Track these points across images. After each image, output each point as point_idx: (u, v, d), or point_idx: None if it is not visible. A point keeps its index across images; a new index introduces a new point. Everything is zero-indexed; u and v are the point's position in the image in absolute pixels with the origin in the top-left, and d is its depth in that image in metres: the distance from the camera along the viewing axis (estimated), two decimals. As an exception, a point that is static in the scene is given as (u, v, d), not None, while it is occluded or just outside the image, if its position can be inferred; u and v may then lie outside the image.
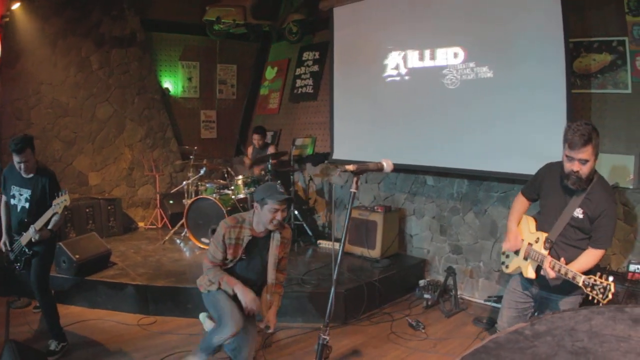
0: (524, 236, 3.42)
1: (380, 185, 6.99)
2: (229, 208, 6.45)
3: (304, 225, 7.19)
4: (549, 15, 4.70)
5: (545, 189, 3.39)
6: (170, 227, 7.53)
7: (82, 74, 7.32)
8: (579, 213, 3.13)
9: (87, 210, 7.09)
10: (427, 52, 5.85)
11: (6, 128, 6.70)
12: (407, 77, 6.13)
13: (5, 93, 6.65)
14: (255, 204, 3.65)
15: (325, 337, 2.35)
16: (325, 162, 7.56)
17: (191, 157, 7.35)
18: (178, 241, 7.09)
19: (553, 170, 3.35)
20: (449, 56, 5.62)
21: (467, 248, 6.02)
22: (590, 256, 3.11)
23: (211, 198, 6.53)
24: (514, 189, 5.54)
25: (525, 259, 3.33)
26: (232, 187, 6.85)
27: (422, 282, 6.01)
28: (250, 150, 7.77)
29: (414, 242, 6.58)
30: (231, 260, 3.69)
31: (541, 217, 3.41)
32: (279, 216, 3.59)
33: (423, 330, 4.96)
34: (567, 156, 3.10)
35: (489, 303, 5.72)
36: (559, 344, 1.86)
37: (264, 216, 3.59)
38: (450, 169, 5.82)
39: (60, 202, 4.27)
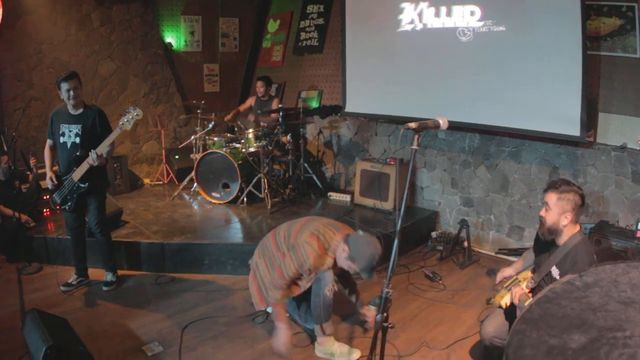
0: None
1: (391, 138, 6.96)
2: (240, 161, 6.43)
3: (314, 177, 7.20)
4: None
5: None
6: (177, 183, 7.50)
7: (83, 31, 7.09)
8: (555, 274, 3.03)
9: (94, 168, 7.00)
10: (443, 9, 5.71)
11: (7, 90, 6.54)
12: (422, 33, 5.99)
13: (5, 54, 6.45)
14: (346, 247, 3.50)
15: (388, 290, 2.36)
16: (338, 115, 7.48)
17: (199, 111, 7.23)
18: (187, 196, 7.05)
19: None
20: (465, 14, 5.50)
21: (478, 201, 6.06)
22: None
23: (221, 152, 6.48)
24: (524, 144, 5.58)
25: (508, 289, 3.36)
26: (243, 141, 6.77)
27: (434, 234, 6.09)
28: (250, 101, 7.62)
29: (424, 194, 6.61)
30: (308, 280, 3.63)
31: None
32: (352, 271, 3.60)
33: (440, 282, 5.04)
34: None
35: (499, 255, 5.81)
36: (608, 294, 1.99)
37: (346, 265, 3.54)
38: (463, 123, 5.77)
39: (131, 117, 4.37)
